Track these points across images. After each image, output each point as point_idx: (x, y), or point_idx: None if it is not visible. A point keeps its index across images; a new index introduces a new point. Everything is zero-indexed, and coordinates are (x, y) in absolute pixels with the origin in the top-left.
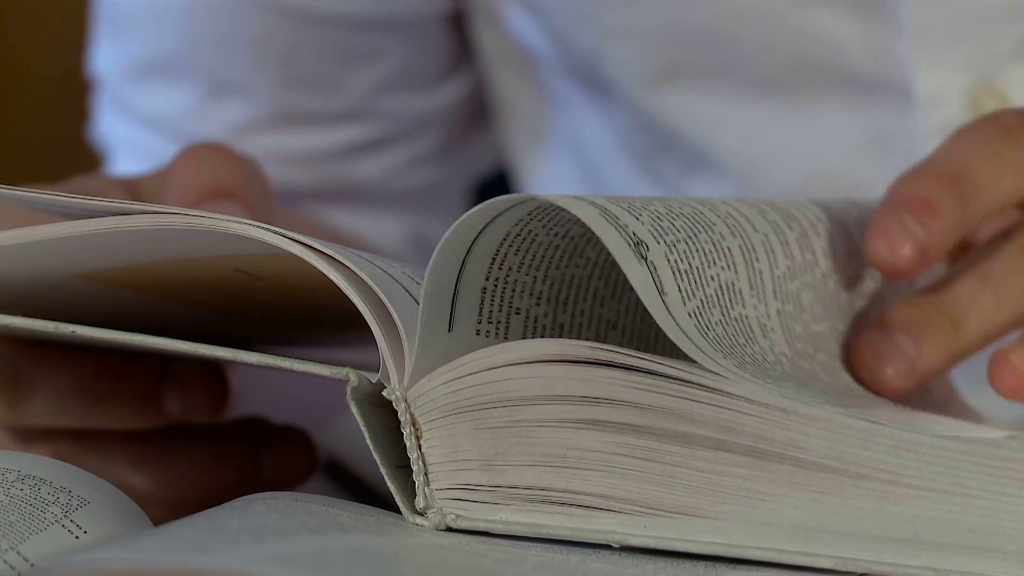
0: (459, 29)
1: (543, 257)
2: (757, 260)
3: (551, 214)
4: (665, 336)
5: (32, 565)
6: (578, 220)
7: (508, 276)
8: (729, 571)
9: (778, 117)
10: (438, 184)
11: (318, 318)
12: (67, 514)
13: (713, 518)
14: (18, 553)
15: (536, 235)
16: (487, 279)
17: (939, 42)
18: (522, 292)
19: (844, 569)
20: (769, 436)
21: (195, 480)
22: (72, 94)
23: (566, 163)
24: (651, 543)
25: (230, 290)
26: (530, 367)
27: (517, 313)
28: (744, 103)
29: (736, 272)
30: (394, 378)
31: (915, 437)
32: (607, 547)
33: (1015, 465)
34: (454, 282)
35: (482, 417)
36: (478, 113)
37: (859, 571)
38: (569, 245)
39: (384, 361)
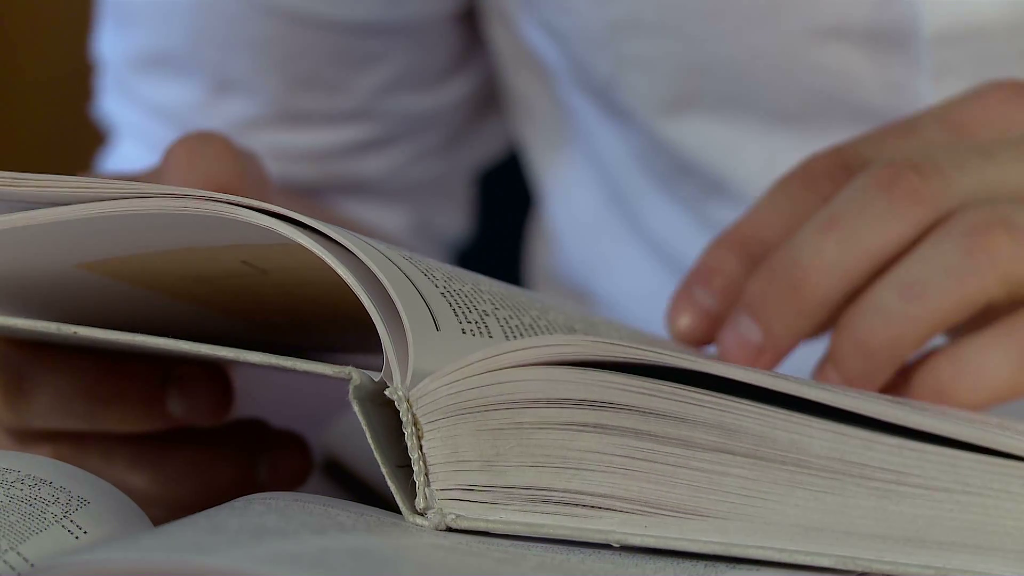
0: (467, 26)
1: (450, 277)
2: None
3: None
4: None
5: (32, 565)
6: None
7: (448, 286)
8: (729, 571)
9: (796, 145)
10: (443, 175)
11: (323, 320)
12: (67, 514)
13: (714, 517)
14: (18, 553)
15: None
16: (436, 287)
17: (959, 82)
18: (473, 299)
19: (844, 568)
20: (771, 438)
21: (191, 481)
22: (72, 95)
23: (586, 170)
24: (651, 543)
25: (236, 285)
26: (533, 369)
27: (486, 314)
28: (761, 132)
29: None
30: (396, 377)
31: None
32: (607, 547)
33: (1017, 462)
34: (414, 288)
35: (484, 418)
36: (484, 105)
37: (859, 570)
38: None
39: (387, 360)
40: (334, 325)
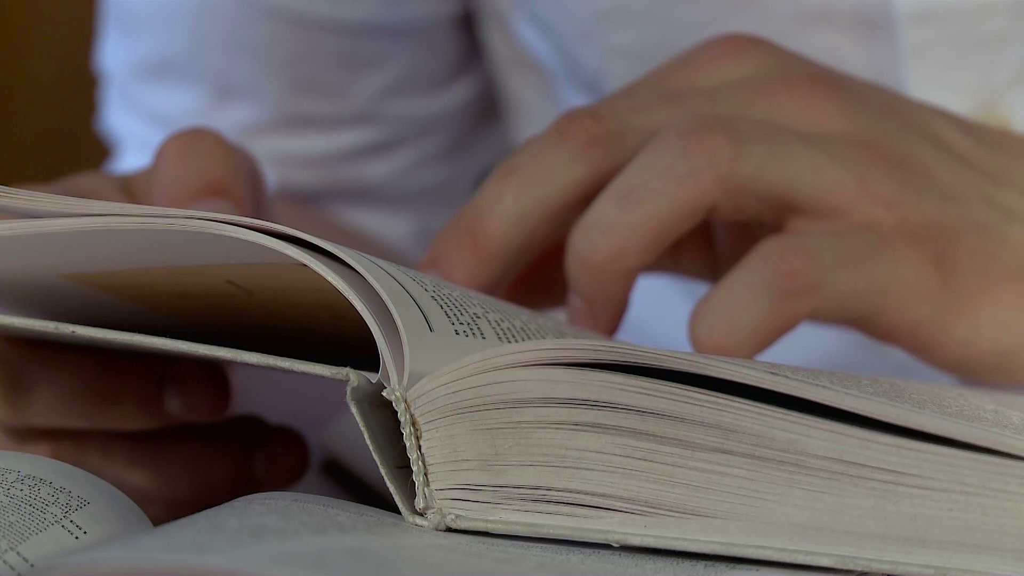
0: (467, 30)
1: (438, 284)
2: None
3: None
4: None
5: (32, 565)
6: None
7: (438, 291)
8: (729, 571)
9: None
10: (447, 181)
11: (309, 342)
12: (67, 514)
13: (713, 517)
14: (18, 553)
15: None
16: (426, 290)
17: (937, 63)
18: (463, 303)
19: (844, 567)
20: (769, 437)
21: (190, 478)
22: (73, 93)
23: None
24: (651, 542)
25: (222, 304)
26: (530, 370)
27: (477, 317)
28: None
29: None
30: (394, 379)
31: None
32: (607, 547)
33: (1015, 461)
34: (404, 291)
35: (482, 418)
36: (487, 110)
37: (859, 569)
38: None
39: (384, 361)
40: (321, 343)
